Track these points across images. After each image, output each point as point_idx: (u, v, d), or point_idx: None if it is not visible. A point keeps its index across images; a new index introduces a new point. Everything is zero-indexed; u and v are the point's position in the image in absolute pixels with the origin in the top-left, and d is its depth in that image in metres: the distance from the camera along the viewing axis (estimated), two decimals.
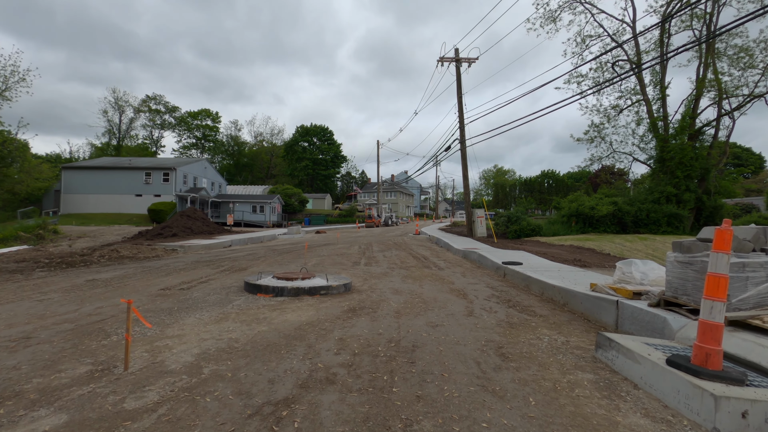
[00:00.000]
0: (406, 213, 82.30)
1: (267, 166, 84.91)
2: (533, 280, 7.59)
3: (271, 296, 6.19)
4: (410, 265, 11.11)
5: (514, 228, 21.69)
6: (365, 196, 78.82)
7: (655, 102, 24.33)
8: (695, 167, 22.34)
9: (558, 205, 24.47)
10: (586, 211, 21.68)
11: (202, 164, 48.25)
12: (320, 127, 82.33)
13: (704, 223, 22.77)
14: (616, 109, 26.77)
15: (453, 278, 8.96)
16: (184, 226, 21.74)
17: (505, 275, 9.25)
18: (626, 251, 16.57)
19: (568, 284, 6.63)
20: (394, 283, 8.10)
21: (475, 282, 8.49)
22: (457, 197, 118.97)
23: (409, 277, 8.99)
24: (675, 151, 22.45)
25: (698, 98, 23.56)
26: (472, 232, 22.18)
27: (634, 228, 21.98)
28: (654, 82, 24.42)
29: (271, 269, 9.86)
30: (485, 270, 10.55)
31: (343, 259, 12.28)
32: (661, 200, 22.33)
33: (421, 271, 9.91)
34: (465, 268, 10.78)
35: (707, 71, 23.52)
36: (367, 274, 9.34)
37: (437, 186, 76.64)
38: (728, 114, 23.63)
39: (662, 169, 23.31)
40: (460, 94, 22.72)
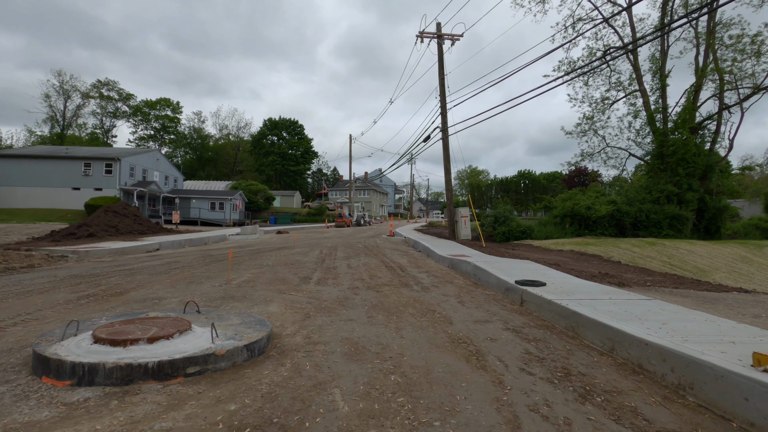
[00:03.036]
0: (379, 212, 79.20)
1: (233, 161, 79.84)
2: (585, 320, 4.53)
3: (68, 384, 2.81)
4: (382, 283, 7.89)
5: (502, 230, 18.88)
6: (337, 194, 75.18)
7: (653, 93, 22.16)
8: (698, 164, 20.21)
9: (550, 205, 21.92)
10: (582, 211, 19.13)
11: (153, 156, 43.44)
12: (290, 121, 77.99)
13: (706, 225, 20.72)
14: (608, 101, 24.52)
15: (447, 309, 5.81)
16: (108, 224, 17.75)
17: (522, 302, 6.18)
18: (638, 258, 13.96)
19: (673, 339, 3.59)
20: (355, 325, 4.85)
21: (483, 318, 5.36)
22: (432, 197, 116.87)
23: (379, 308, 5.77)
24: (676, 146, 20.25)
25: (698, 89, 21.52)
26: (455, 233, 19.22)
27: (633, 230, 19.62)
28: (653, 70, 22.22)
29: (168, 293, 6.42)
30: (487, 290, 7.47)
31: (289, 273, 8.92)
32: (662, 200, 20.09)
33: (398, 295, 6.71)
34: (458, 287, 7.67)
35: (707, 60, 21.51)
36: (315, 302, 6.05)
37: (412, 185, 73.91)
38: (727, 108, 21.69)
39: (661, 165, 21.11)
40: (443, 75, 19.73)
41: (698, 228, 20.39)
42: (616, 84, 24.48)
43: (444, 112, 19.46)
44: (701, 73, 21.18)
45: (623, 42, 22.99)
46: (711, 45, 21.28)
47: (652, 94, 22.04)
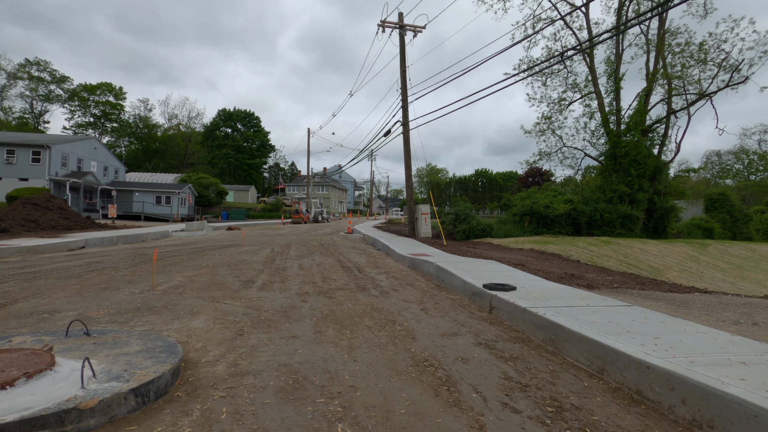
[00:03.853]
0: (338, 209, 77.89)
1: (183, 152, 75.47)
2: (567, 334, 3.92)
3: None
4: (336, 287, 7.03)
5: (462, 227, 18.54)
6: (294, 190, 73.06)
7: (608, 95, 22.67)
8: (648, 165, 20.87)
9: (509, 203, 21.89)
10: (541, 210, 19.17)
11: (90, 144, 39.79)
12: (245, 113, 74.73)
13: (655, 225, 21.49)
14: (565, 102, 24.92)
15: (409, 319, 5.06)
16: (26, 218, 15.60)
17: (492, 309, 5.55)
18: (596, 257, 13.98)
19: (677, 360, 3.01)
20: (298, 345, 3.97)
21: (450, 330, 4.65)
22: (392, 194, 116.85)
23: (331, 319, 4.91)
24: (629, 148, 20.80)
25: (649, 93, 22.25)
26: (415, 231, 18.65)
27: (588, 229, 19.94)
28: (608, 73, 22.74)
29: (69, 303, 5.22)
30: (451, 294, 6.81)
31: (230, 275, 7.85)
32: (615, 200, 20.58)
33: (354, 302, 5.88)
34: (420, 291, 6.96)
35: (657, 66, 22.29)
36: (253, 314, 5.10)
37: (372, 181, 73.16)
38: (675, 113, 22.62)
39: (614, 166, 21.64)
40: (404, 66, 19.06)
41: (647, 227, 21.09)
42: (573, 86, 24.92)
43: (405, 105, 18.80)
44: (652, 77, 21.90)
45: (580, 43, 23.37)
46: (660, 51, 22.05)
47: (607, 96, 22.57)
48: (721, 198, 24.68)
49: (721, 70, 19.98)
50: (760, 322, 5.11)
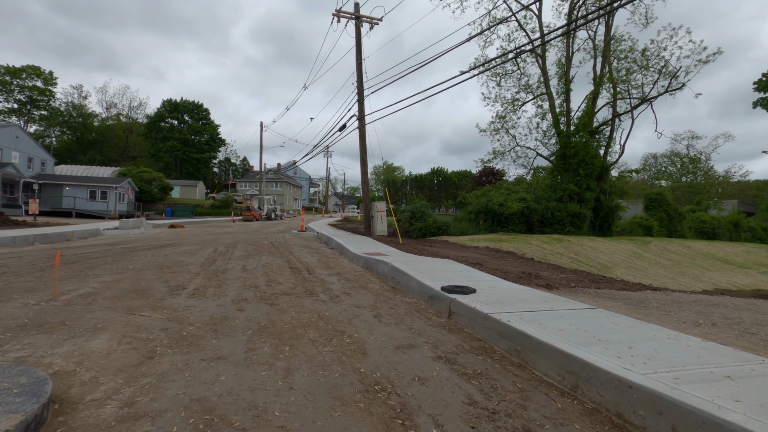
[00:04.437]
0: (293, 206, 75.90)
1: (123, 144, 70.28)
2: (535, 344, 3.51)
3: None
4: (281, 291, 6.32)
5: (419, 225, 18.24)
6: (246, 186, 70.26)
7: (558, 96, 23.29)
8: (595, 166, 21.64)
9: (464, 201, 21.91)
10: (496, 208, 19.29)
11: (10, 132, 35.77)
12: (193, 104, 70.74)
13: (601, 223, 22.34)
14: (519, 102, 25.38)
15: (360, 328, 4.48)
16: None
17: (451, 314, 5.10)
18: (549, 255, 14.11)
19: (659, 377, 2.64)
20: (222, 369, 3.27)
21: (406, 341, 4.12)
22: (348, 192, 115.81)
23: (269, 332, 4.23)
24: (578, 148, 21.46)
25: (596, 96, 23.08)
26: (371, 229, 18.12)
27: (540, 227, 20.34)
28: (559, 75, 23.36)
29: None
30: (407, 297, 6.32)
31: (158, 280, 6.89)
32: (564, 198, 21.15)
33: (299, 309, 5.22)
34: (374, 294, 6.41)
35: (604, 70, 23.17)
36: (173, 328, 4.30)
37: (327, 178, 71.81)
38: (619, 116, 23.64)
39: (564, 166, 22.26)
40: (360, 59, 18.43)
41: (594, 225, 21.88)
42: (526, 86, 25.42)
43: (361, 99, 18.18)
44: (598, 81, 22.73)
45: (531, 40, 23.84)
46: (607, 56, 22.94)
47: (558, 98, 23.17)
48: (658, 198, 26.23)
49: (661, 77, 21.11)
50: (718, 323, 5.01)
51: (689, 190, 46.00)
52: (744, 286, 13.69)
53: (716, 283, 13.38)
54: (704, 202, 34.40)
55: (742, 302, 7.56)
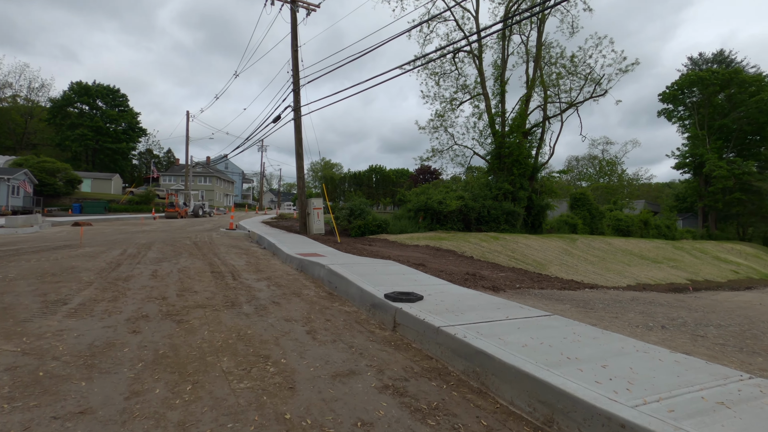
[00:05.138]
0: (224, 202, 71.62)
1: (21, 131, 61.58)
2: (498, 366, 2.97)
3: None
4: (195, 303, 5.29)
5: (357, 223, 17.56)
6: (171, 180, 64.95)
7: (494, 97, 23.80)
8: (528, 166, 22.41)
9: (404, 198, 21.61)
10: (435, 206, 19.17)
11: None
12: (108, 88, 63.81)
13: (532, 221, 23.22)
14: (456, 102, 25.66)
15: (289, 351, 3.68)
16: None
17: (396, 326, 4.47)
18: (487, 253, 14.14)
19: (652, 408, 2.19)
20: (79, 430, 2.33)
21: (345, 366, 3.40)
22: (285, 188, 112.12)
23: (166, 362, 3.28)
24: (512, 148, 22.08)
25: (528, 99, 23.92)
26: (307, 227, 17.12)
27: (476, 225, 20.61)
28: (495, 76, 23.89)
29: None
30: (346, 305, 5.60)
31: (32, 293, 5.50)
32: (500, 197, 21.65)
33: (214, 327, 4.28)
34: (308, 303, 5.61)
35: (536, 74, 24.09)
36: (28, 363, 3.19)
37: (262, 173, 68.59)
38: (548, 119, 24.75)
39: (499, 165, 22.81)
40: (296, 46, 17.30)
41: (527, 223, 22.68)
42: (463, 87, 25.78)
43: (297, 89, 17.07)
44: (531, 84, 23.57)
45: (469, 43, 24.17)
46: (538, 61, 23.86)
47: (494, 99, 23.69)
48: (582, 197, 28.00)
49: (587, 83, 22.36)
50: (667, 325, 4.89)
51: (606, 191, 50.20)
52: (659, 280, 14.73)
53: (637, 278, 14.23)
54: (620, 202, 37.60)
55: (670, 298, 7.79)
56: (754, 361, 3.62)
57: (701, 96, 47.39)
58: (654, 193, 71.26)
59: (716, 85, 45.25)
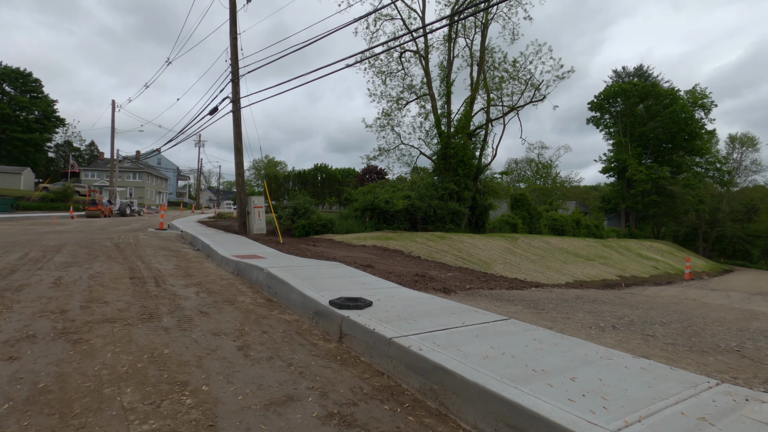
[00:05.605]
0: (157, 200, 66.71)
1: None
2: (459, 384, 2.61)
3: None
4: (102, 317, 4.45)
5: (302, 223, 16.81)
6: (95, 176, 59.32)
7: (441, 98, 24.03)
8: (472, 166, 22.85)
9: (350, 197, 21.10)
10: (382, 205, 18.89)
11: None
12: (17, 71, 56.81)
13: (476, 221, 23.71)
14: (403, 101, 25.62)
15: (212, 373, 3.08)
16: None
17: (342, 337, 4.00)
18: (434, 253, 14.07)
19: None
20: None
21: (282, 391, 2.87)
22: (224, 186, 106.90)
23: (44, 400, 2.55)
24: (457, 149, 22.39)
25: (473, 101, 24.41)
26: (247, 227, 16.08)
27: (423, 225, 20.63)
28: (441, 77, 24.11)
29: None
30: (287, 313, 5.04)
31: None
32: (445, 197, 21.85)
33: (121, 348, 3.54)
34: (243, 312, 4.97)
35: (479, 77, 24.65)
36: None
37: (199, 170, 64.67)
38: (491, 122, 25.45)
39: (445, 165, 23.04)
40: (235, 33, 16.19)
41: (471, 222, 23.12)
42: (410, 87, 25.80)
43: (236, 78, 15.97)
44: (475, 87, 24.08)
45: (417, 46, 24.23)
46: (482, 64, 24.43)
47: (440, 99, 23.90)
48: (522, 198, 29.19)
49: (527, 88, 23.23)
50: (617, 325, 4.86)
51: (542, 192, 53.10)
52: (594, 276, 15.52)
53: (574, 275, 14.87)
54: (554, 203, 39.87)
55: (610, 296, 8.02)
56: (706, 361, 3.58)
57: (624, 106, 51.59)
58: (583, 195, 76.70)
59: (636, 97, 49.47)
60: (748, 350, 4.00)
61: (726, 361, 3.60)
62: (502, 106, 24.04)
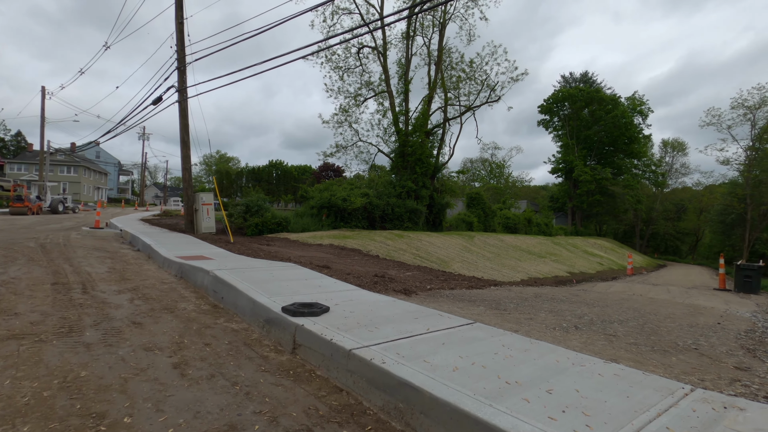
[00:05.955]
0: (95, 197, 61.93)
1: None
2: (429, 403, 2.33)
3: None
4: (7, 332, 3.77)
5: (255, 221, 16.04)
6: (22, 169, 54.06)
7: (399, 95, 23.90)
8: (430, 165, 22.92)
9: (306, 195, 20.45)
10: (339, 203, 18.45)
11: None
12: None
13: (434, 219, 23.82)
14: (361, 98, 25.26)
15: (138, 399, 2.60)
16: None
17: (296, 348, 3.61)
18: (393, 252, 13.88)
19: None
20: None
21: (223, 418, 2.45)
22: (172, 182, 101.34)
23: None
24: (415, 147, 22.36)
25: (431, 100, 24.50)
26: (195, 225, 15.08)
27: (381, 223, 20.43)
28: (400, 74, 23.98)
29: None
30: (234, 321, 4.56)
31: None
32: (403, 195, 21.76)
33: (26, 370, 2.95)
34: (184, 320, 4.44)
35: (437, 76, 24.77)
36: None
37: (144, 164, 60.67)
38: (448, 121, 25.70)
39: (403, 163, 22.95)
40: (181, 17, 15.13)
41: (429, 221, 23.19)
42: (368, 83, 25.46)
43: (182, 66, 14.90)
44: (433, 86, 24.16)
45: (375, 41, 23.94)
46: (440, 63, 24.56)
47: (398, 97, 23.77)
48: (477, 197, 29.77)
49: (483, 88, 23.63)
50: (579, 325, 4.82)
51: (495, 191, 54.71)
52: (546, 273, 15.97)
53: (528, 273, 15.22)
54: (508, 202, 41.14)
55: (565, 293, 8.13)
56: (670, 361, 3.55)
57: (571, 110, 54.19)
58: (533, 194, 79.96)
59: (582, 101, 52.12)
60: (704, 348, 4.05)
61: (688, 361, 3.59)
62: (459, 106, 24.32)
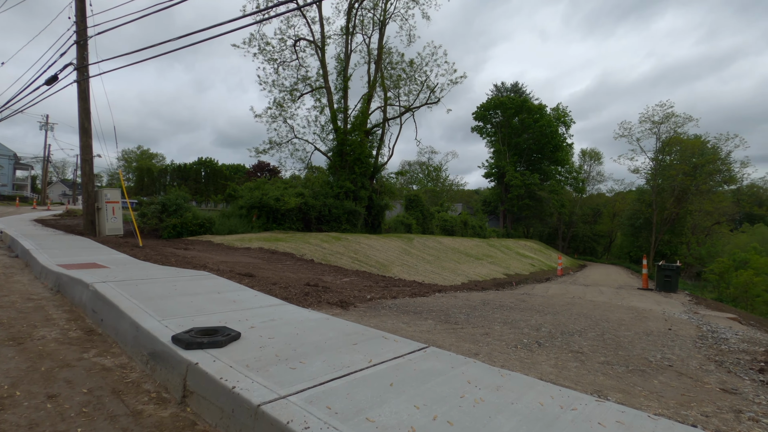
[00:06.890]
0: None
1: None
2: None
3: None
4: None
5: (172, 222, 14.21)
6: None
7: (337, 92, 22.93)
8: (370, 165, 22.23)
9: (235, 194, 18.73)
10: (271, 203, 17.08)
11: None
12: None
13: (372, 221, 23.13)
14: (297, 93, 23.94)
15: None
16: None
17: (186, 397, 2.56)
18: (329, 255, 12.92)
19: None
20: None
21: None
22: None
23: None
24: (354, 146, 21.56)
25: (370, 99, 23.86)
26: (97, 227, 12.95)
27: (317, 224, 19.34)
28: (338, 70, 23.02)
29: None
30: (109, 356, 3.37)
31: None
32: (341, 195, 20.84)
33: None
34: (32, 359, 3.18)
35: (377, 75, 24.20)
36: None
37: (46, 158, 53.39)
38: (388, 121, 25.24)
39: (341, 163, 22.03)
40: None
41: (367, 223, 22.46)
42: (305, 78, 24.23)
43: (83, 40, 12.75)
44: (372, 84, 23.52)
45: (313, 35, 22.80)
46: (380, 62, 24.01)
47: (336, 93, 22.81)
48: (416, 199, 29.64)
49: (423, 89, 23.44)
50: (539, 340, 4.26)
51: (433, 194, 55.61)
52: (485, 276, 15.92)
53: (468, 275, 15.02)
54: (445, 205, 41.74)
55: (512, 299, 7.73)
56: (654, 386, 3.04)
57: (502, 117, 56.70)
58: (467, 198, 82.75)
59: (512, 110, 54.74)
60: (677, 364, 3.64)
61: (671, 384, 3.10)
62: (399, 107, 23.93)
